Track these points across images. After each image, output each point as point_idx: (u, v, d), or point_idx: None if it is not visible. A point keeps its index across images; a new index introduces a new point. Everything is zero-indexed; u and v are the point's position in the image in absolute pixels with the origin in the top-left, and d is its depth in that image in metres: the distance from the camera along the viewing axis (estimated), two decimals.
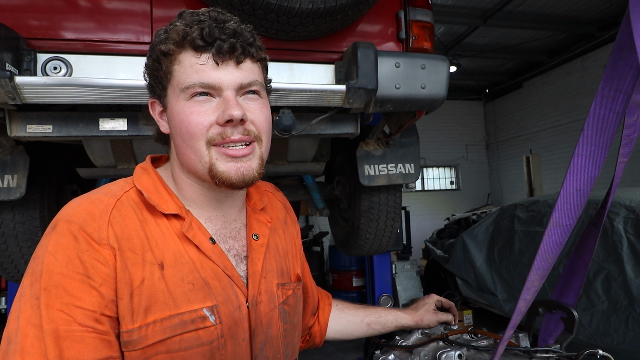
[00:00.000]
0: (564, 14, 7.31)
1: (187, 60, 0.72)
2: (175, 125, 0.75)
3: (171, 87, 0.74)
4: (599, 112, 0.73)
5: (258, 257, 0.82)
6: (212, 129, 0.72)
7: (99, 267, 0.65)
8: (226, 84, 0.72)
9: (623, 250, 3.03)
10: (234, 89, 0.73)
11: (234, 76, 0.73)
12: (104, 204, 0.70)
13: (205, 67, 0.71)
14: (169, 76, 0.74)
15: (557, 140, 9.45)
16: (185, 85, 0.72)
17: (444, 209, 10.79)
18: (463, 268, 4.72)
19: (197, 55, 0.72)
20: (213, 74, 0.71)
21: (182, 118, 0.73)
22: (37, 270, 0.64)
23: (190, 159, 0.74)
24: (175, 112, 0.74)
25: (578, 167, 0.75)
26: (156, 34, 0.76)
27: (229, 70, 0.72)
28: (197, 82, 0.71)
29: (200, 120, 0.72)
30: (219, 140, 0.72)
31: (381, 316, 1.15)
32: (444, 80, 1.65)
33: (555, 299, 1.02)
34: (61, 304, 0.62)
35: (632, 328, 2.82)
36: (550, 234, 0.77)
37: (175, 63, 0.73)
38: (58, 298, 0.62)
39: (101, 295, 0.64)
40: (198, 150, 0.73)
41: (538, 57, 9.34)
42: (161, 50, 0.73)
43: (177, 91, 0.73)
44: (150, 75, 0.77)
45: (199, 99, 0.72)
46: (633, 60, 0.69)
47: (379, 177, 2.12)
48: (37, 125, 1.51)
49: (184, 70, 0.72)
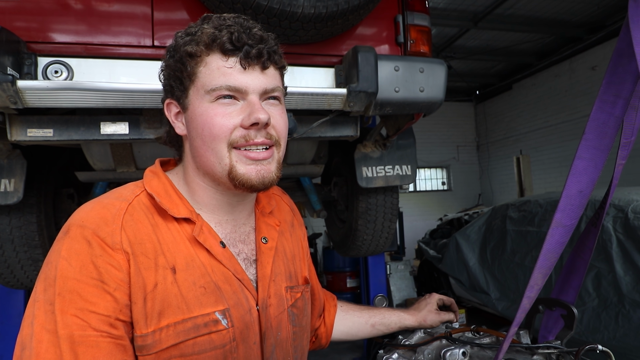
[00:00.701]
0: (553, 17, 7.44)
1: (214, 63, 0.73)
2: (196, 127, 0.75)
3: (194, 88, 0.75)
4: (600, 117, 0.76)
5: (267, 260, 0.83)
6: (235, 132, 0.73)
7: (113, 271, 0.65)
8: (252, 88, 0.74)
9: (612, 249, 3.10)
10: (258, 94, 0.75)
11: (259, 81, 0.74)
12: (116, 209, 0.71)
13: (233, 70, 0.73)
14: (193, 77, 0.75)
15: (546, 141, 9.59)
16: (212, 87, 0.73)
17: (436, 209, 10.88)
18: (456, 268, 4.77)
19: (224, 59, 0.73)
20: (240, 78, 0.73)
21: (206, 119, 0.73)
22: (50, 276, 0.64)
23: (210, 160, 0.75)
24: (199, 113, 0.74)
25: (580, 170, 0.77)
26: (177, 36, 0.77)
27: (254, 75, 0.74)
28: (224, 84, 0.72)
29: (225, 122, 0.73)
30: (242, 143, 0.73)
31: (385, 317, 1.17)
32: (442, 84, 1.68)
33: (555, 296, 1.05)
34: (75, 309, 0.62)
35: (622, 324, 2.88)
36: (553, 234, 0.80)
37: (201, 65, 0.74)
38: (72, 303, 0.62)
39: (115, 300, 0.65)
40: (219, 152, 0.74)
41: (527, 59, 9.47)
42: (187, 51, 0.74)
43: (202, 92, 0.74)
44: (171, 76, 0.78)
45: (223, 102, 0.73)
46: (632, 66, 0.72)
47: (376, 178, 2.15)
48: (38, 129, 1.51)
49: (210, 72, 0.73)
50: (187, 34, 0.76)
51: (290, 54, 1.67)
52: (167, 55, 0.79)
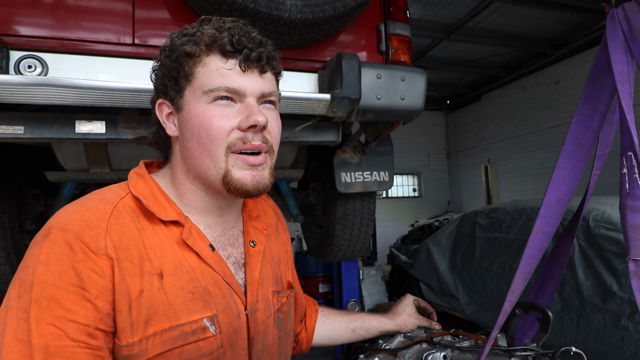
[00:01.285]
0: (520, 32, 7.77)
1: (214, 64, 0.73)
2: (192, 128, 0.73)
3: (191, 88, 0.74)
4: (578, 129, 0.80)
5: (256, 264, 0.82)
6: (232, 134, 0.72)
7: (95, 278, 0.63)
8: (250, 90, 0.74)
9: (575, 255, 3.24)
10: (256, 97, 0.74)
11: (258, 84, 0.74)
12: (101, 212, 0.68)
13: (232, 72, 0.72)
14: (190, 77, 0.74)
15: (512, 151, 9.96)
16: (210, 87, 0.72)
17: (407, 215, 11.07)
18: (427, 273, 4.86)
19: (224, 60, 0.73)
20: (239, 80, 0.73)
21: (203, 120, 0.72)
22: (26, 281, 0.61)
23: (205, 163, 0.74)
24: (195, 113, 0.73)
25: (559, 179, 0.81)
26: (173, 37, 0.76)
27: (253, 78, 0.74)
28: (223, 85, 0.72)
29: (222, 124, 0.72)
30: (239, 145, 0.73)
31: (365, 322, 1.17)
32: (422, 93, 1.72)
33: (532, 300, 1.09)
34: (53, 318, 0.59)
35: (583, 327, 3.02)
36: (533, 240, 0.83)
37: (200, 65, 0.73)
38: (49, 311, 0.59)
39: (96, 308, 0.62)
40: (215, 155, 0.73)
41: (496, 72, 9.84)
42: (186, 51, 0.73)
43: (199, 93, 0.73)
44: (166, 76, 0.76)
45: (221, 103, 0.73)
46: (608, 82, 0.77)
47: (354, 184, 2.17)
48: (7, 126, 1.43)
49: (208, 73, 0.72)
50: (184, 35, 0.75)
51: None
52: (161, 55, 0.77)
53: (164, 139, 0.81)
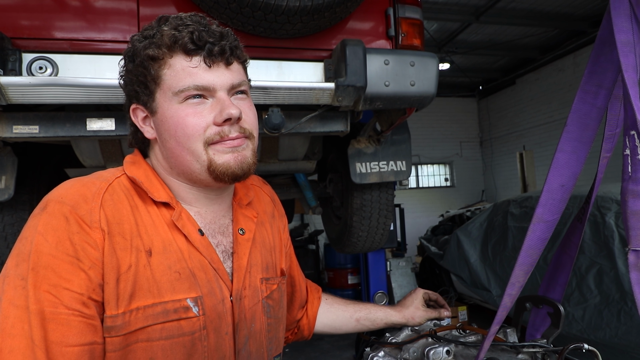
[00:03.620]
0: (556, 10, 7.35)
1: (179, 64, 0.73)
2: (168, 129, 0.74)
3: (161, 91, 0.74)
4: (582, 108, 0.74)
5: (244, 251, 0.83)
6: (209, 130, 0.73)
7: (89, 249, 0.65)
8: (219, 84, 0.74)
9: (615, 245, 3.05)
10: (226, 90, 0.75)
11: (225, 77, 0.75)
12: (97, 187, 0.70)
13: (198, 69, 0.73)
14: (158, 80, 0.74)
15: (550, 136, 9.51)
16: (179, 88, 0.72)
17: (439, 205, 10.83)
18: (457, 264, 4.74)
19: (188, 59, 0.73)
20: (206, 76, 0.73)
21: (178, 121, 0.73)
22: (24, 251, 0.63)
23: (187, 160, 0.75)
24: (169, 115, 0.74)
25: (561, 163, 0.75)
26: (134, 40, 0.76)
27: (220, 72, 0.74)
28: (192, 84, 0.72)
29: (197, 122, 0.73)
30: (217, 140, 0.74)
31: (370, 312, 1.16)
32: (434, 78, 1.65)
33: (542, 294, 1.03)
34: (49, 285, 0.61)
35: (624, 322, 2.84)
36: (534, 230, 0.77)
37: (165, 67, 0.73)
38: (46, 279, 0.61)
39: (89, 278, 0.64)
40: (195, 151, 0.74)
41: (531, 54, 9.38)
42: (149, 54, 0.73)
43: (169, 95, 0.73)
44: (134, 81, 0.76)
45: (192, 102, 0.73)
46: (614, 55, 0.69)
47: (370, 174, 2.13)
48: (24, 126, 1.50)
49: (175, 74, 0.73)
50: (144, 37, 0.75)
51: (278, 48, 1.65)
52: (125, 60, 0.77)
53: (142, 139, 0.83)
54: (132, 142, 0.86)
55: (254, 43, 1.58)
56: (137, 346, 0.67)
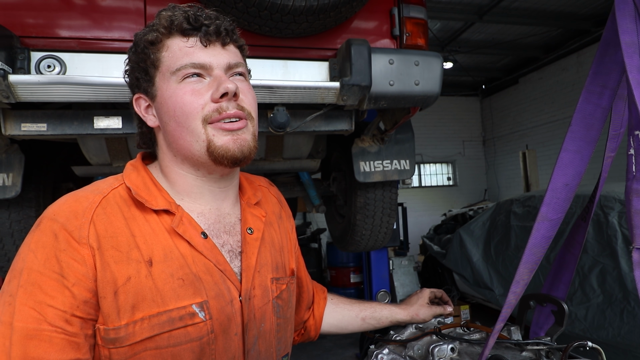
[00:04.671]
0: (560, 9, 7.33)
1: (176, 45, 0.75)
2: (168, 110, 0.75)
3: (160, 73, 0.76)
4: (586, 108, 0.74)
5: (252, 251, 0.82)
6: (207, 107, 0.74)
7: (75, 266, 0.65)
8: (216, 63, 0.75)
9: (617, 244, 3.05)
10: (223, 69, 0.76)
11: (222, 57, 0.76)
12: (89, 202, 0.71)
13: (194, 49, 0.74)
14: (157, 63, 0.76)
15: (553, 136, 9.49)
16: (177, 67, 0.74)
17: (441, 204, 10.82)
18: (460, 263, 4.74)
19: (184, 39, 0.75)
20: (202, 55, 0.75)
21: (176, 100, 0.74)
22: (17, 268, 0.65)
23: (187, 140, 0.75)
24: (167, 95, 0.75)
25: (566, 162, 0.76)
26: (136, 34, 0.78)
27: (216, 51, 0.76)
28: (189, 62, 0.74)
29: (195, 99, 0.74)
30: (216, 117, 0.74)
31: (376, 311, 1.16)
32: (438, 77, 1.66)
33: (546, 292, 1.03)
34: (34, 302, 0.62)
35: (627, 321, 2.84)
36: (538, 228, 0.78)
37: (164, 50, 0.75)
38: (32, 296, 0.62)
39: (73, 295, 0.64)
40: (194, 130, 0.74)
41: (534, 53, 9.35)
42: (148, 39, 0.75)
43: (168, 75, 0.75)
44: (136, 69, 0.78)
45: (190, 80, 0.74)
46: (618, 56, 0.70)
47: (374, 173, 2.13)
48: (32, 124, 1.51)
49: (173, 55, 0.75)
50: (145, 28, 0.78)
51: (284, 47, 1.66)
52: (129, 53, 0.80)
53: (148, 135, 0.84)
54: (140, 142, 0.86)
55: (260, 42, 1.59)
56: (146, 354, 0.68)
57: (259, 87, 1.45)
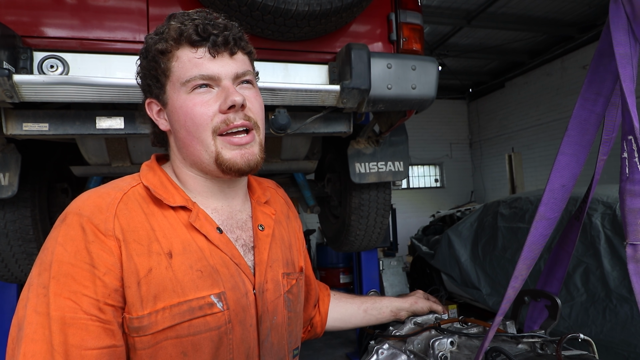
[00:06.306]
0: (545, 15, 7.51)
1: (185, 56, 0.77)
2: (178, 119, 0.78)
3: (170, 83, 0.78)
4: (582, 114, 0.80)
5: (264, 247, 0.85)
6: (215, 118, 0.77)
7: (105, 256, 0.68)
8: (224, 74, 0.77)
9: (601, 245, 3.15)
10: (231, 79, 0.78)
11: (230, 67, 0.78)
12: (111, 197, 0.74)
13: (203, 60, 0.76)
14: (167, 73, 0.78)
15: (537, 139, 9.69)
16: (186, 78, 0.76)
17: (429, 206, 10.96)
18: (448, 264, 4.82)
19: (193, 50, 0.77)
20: (211, 66, 0.77)
21: (186, 110, 0.77)
22: (46, 261, 0.67)
23: (197, 149, 0.78)
24: (178, 105, 0.78)
25: (563, 165, 0.81)
26: (147, 38, 0.80)
27: (224, 62, 0.78)
28: (197, 74, 0.76)
29: (204, 110, 0.76)
30: (224, 128, 0.77)
31: (376, 302, 1.21)
32: (434, 81, 1.71)
33: (540, 287, 1.09)
34: (69, 292, 0.65)
35: (609, 319, 2.94)
36: (536, 227, 0.83)
37: (173, 60, 0.77)
38: (66, 286, 0.65)
39: (105, 284, 0.67)
40: (204, 141, 0.77)
41: (520, 58, 9.55)
42: (158, 49, 0.77)
43: (178, 86, 0.77)
44: (147, 76, 0.81)
45: (199, 91, 0.77)
46: (612, 66, 0.75)
47: (369, 174, 2.18)
48: (34, 124, 1.52)
49: (182, 66, 0.77)
50: (155, 34, 0.79)
51: (285, 50, 1.70)
52: (140, 57, 0.82)
53: (162, 135, 0.87)
54: (154, 141, 0.90)
55: (262, 45, 1.62)
56: (167, 343, 0.70)
57: (261, 89, 1.48)
